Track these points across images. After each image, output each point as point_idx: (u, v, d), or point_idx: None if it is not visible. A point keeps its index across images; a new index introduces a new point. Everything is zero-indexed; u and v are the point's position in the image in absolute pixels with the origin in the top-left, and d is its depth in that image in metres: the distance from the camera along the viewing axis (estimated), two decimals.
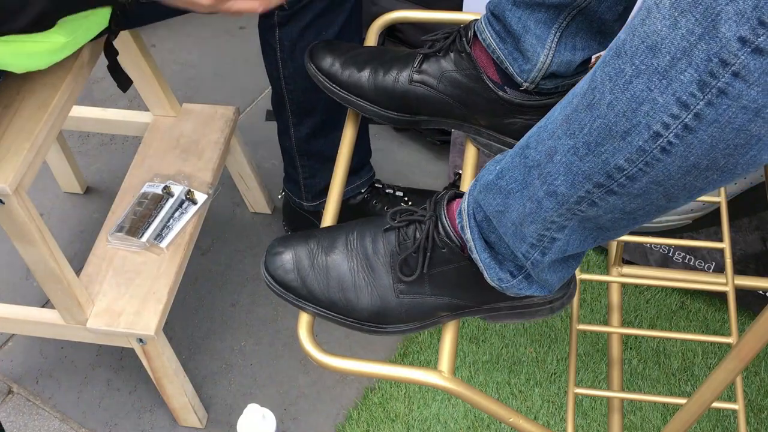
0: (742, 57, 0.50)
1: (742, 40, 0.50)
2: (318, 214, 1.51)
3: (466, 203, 0.79)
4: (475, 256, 0.78)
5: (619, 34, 0.59)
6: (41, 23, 0.93)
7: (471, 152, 0.98)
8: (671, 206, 0.64)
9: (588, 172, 0.63)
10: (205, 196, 1.36)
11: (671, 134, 0.56)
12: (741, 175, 0.59)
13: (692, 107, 0.54)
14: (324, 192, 1.42)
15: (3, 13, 0.89)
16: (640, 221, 0.68)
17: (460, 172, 0.96)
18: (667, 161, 0.58)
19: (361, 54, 0.99)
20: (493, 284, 0.79)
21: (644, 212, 0.65)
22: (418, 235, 0.81)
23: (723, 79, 0.52)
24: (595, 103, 0.60)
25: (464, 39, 0.91)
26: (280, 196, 1.57)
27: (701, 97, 0.53)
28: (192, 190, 1.35)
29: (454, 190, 0.83)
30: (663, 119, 0.56)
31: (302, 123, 1.39)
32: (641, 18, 0.55)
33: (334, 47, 1.01)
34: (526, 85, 0.88)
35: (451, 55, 0.91)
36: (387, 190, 1.54)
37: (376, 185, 1.54)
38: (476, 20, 0.92)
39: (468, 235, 0.78)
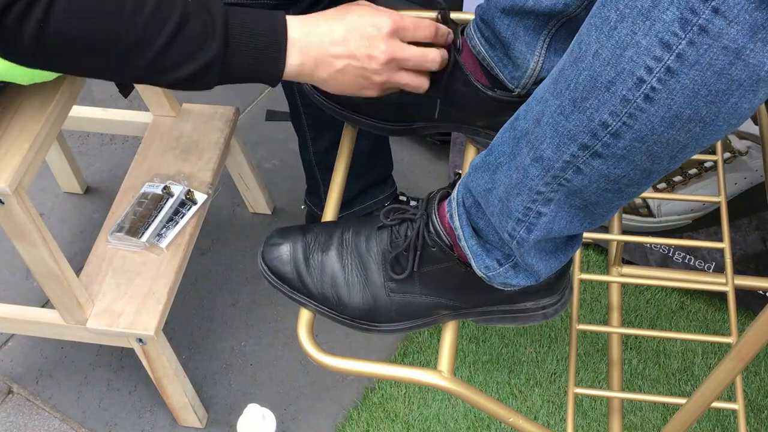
0: None
1: None
2: None
3: (456, 191, 0.79)
4: (462, 244, 0.78)
5: None
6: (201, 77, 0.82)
7: (471, 152, 0.98)
8: (655, 169, 0.64)
9: (574, 131, 0.64)
10: (205, 196, 1.36)
11: (654, 79, 0.57)
12: (723, 129, 0.59)
13: (674, 47, 0.55)
14: (346, 204, 1.41)
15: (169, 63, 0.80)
16: (626, 195, 0.68)
17: (460, 172, 0.96)
18: (650, 111, 0.58)
19: None
20: (480, 273, 0.79)
21: (629, 180, 0.65)
22: (409, 234, 0.81)
23: (703, 15, 0.53)
24: (581, 56, 0.61)
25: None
26: (303, 207, 1.57)
27: (683, 36, 0.54)
28: (192, 190, 1.35)
29: (446, 189, 0.83)
30: (646, 63, 0.56)
31: (320, 137, 1.38)
32: None
33: None
34: (517, 90, 0.88)
35: None
36: (412, 203, 1.53)
37: (400, 198, 1.53)
38: (463, 26, 0.92)
39: (456, 223, 0.78)
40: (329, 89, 0.86)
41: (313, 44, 0.82)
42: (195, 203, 1.34)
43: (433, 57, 0.86)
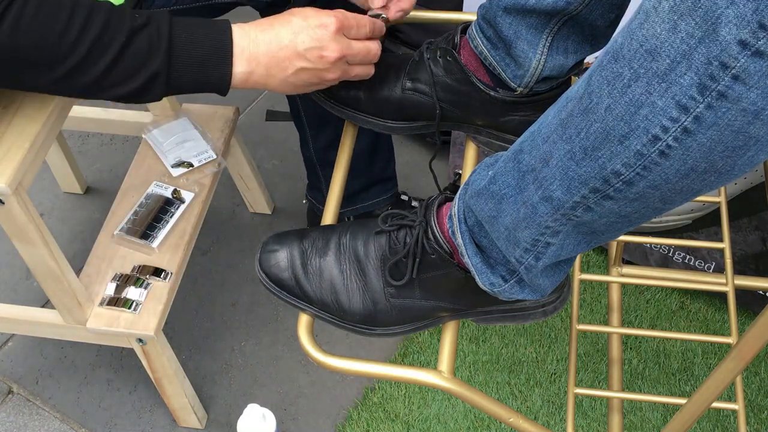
0: (742, 60, 0.50)
1: (743, 44, 0.50)
2: (341, 221, 1.50)
3: (456, 208, 0.78)
4: (466, 260, 0.77)
5: (615, 38, 0.58)
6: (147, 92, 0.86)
7: (471, 152, 0.98)
8: (667, 208, 0.64)
9: (584, 176, 0.63)
10: (192, 194, 1.35)
11: (670, 138, 0.56)
12: (738, 176, 0.59)
13: (692, 110, 0.54)
14: (347, 199, 1.41)
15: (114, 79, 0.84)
16: (635, 224, 0.68)
17: (460, 172, 0.96)
18: (665, 165, 0.57)
19: None
20: (484, 288, 0.78)
21: (639, 215, 0.65)
22: (408, 240, 0.81)
23: (723, 83, 0.51)
24: (592, 107, 0.60)
25: (450, 45, 0.91)
26: (304, 202, 1.57)
27: (701, 101, 0.53)
28: (178, 189, 1.35)
29: (445, 194, 0.83)
30: (662, 123, 0.55)
31: (320, 134, 1.39)
32: (639, 21, 0.55)
33: None
34: (520, 90, 0.88)
35: (440, 60, 0.91)
36: (413, 203, 1.53)
37: (402, 198, 1.53)
38: (465, 25, 0.92)
39: (459, 240, 0.77)
40: (282, 92, 0.91)
41: (261, 51, 0.86)
42: (183, 202, 1.34)
43: (375, 50, 0.91)
